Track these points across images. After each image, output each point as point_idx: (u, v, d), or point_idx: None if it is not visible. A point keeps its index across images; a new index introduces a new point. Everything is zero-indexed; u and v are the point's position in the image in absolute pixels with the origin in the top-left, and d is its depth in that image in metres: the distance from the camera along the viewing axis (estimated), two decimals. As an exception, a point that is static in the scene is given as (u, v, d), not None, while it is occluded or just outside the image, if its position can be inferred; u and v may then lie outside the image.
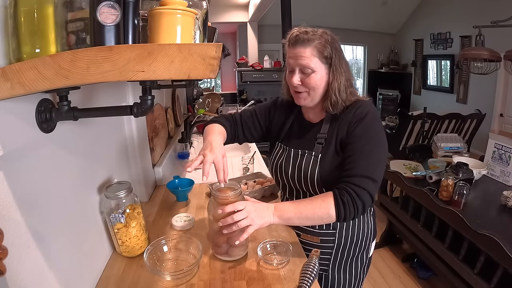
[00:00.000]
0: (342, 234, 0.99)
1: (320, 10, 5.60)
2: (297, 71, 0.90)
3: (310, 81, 0.89)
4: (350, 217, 0.82)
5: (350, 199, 0.81)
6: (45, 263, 0.59)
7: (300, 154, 0.98)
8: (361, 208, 0.82)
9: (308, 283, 0.78)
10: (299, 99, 0.94)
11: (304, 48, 0.86)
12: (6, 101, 0.48)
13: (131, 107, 0.56)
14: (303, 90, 0.92)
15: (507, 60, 2.19)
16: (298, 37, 0.87)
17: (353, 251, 1.01)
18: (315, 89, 0.90)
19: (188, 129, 1.98)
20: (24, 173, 0.55)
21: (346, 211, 0.81)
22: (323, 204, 0.82)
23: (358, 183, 0.82)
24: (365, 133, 0.87)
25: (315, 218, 0.83)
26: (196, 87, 2.76)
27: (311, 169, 0.94)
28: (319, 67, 0.88)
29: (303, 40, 0.86)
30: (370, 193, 0.83)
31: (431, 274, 2.08)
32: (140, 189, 1.27)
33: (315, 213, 0.82)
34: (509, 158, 1.97)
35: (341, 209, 0.81)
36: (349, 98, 0.91)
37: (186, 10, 0.52)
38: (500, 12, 2.65)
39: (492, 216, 1.72)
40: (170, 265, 0.89)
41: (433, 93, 5.83)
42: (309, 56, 0.86)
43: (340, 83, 0.88)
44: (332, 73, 0.89)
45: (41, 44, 0.47)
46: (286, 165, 1.00)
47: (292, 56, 0.89)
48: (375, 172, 0.84)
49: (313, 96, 0.92)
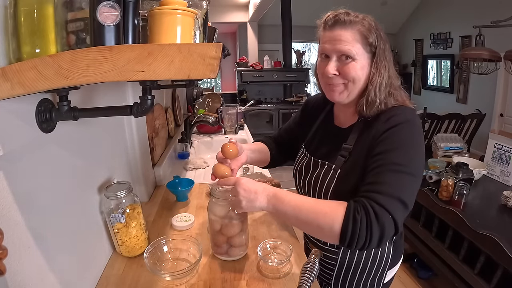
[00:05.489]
0: (346, 255, 0.85)
1: (320, 10, 5.56)
2: (334, 58, 0.74)
3: (349, 70, 0.73)
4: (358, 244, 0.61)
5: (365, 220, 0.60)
6: (45, 263, 0.59)
7: (320, 165, 0.84)
8: (376, 237, 0.61)
9: (308, 283, 0.77)
10: (333, 92, 0.77)
11: (345, 31, 0.72)
12: (6, 101, 0.48)
13: (131, 107, 0.56)
14: (340, 82, 0.75)
15: (507, 60, 2.19)
16: (338, 17, 0.73)
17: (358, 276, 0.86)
18: (355, 81, 0.74)
19: (188, 129, 1.98)
20: (24, 173, 0.55)
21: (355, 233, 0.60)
22: (330, 213, 0.63)
23: (384, 203, 0.61)
24: (401, 144, 0.68)
25: (313, 226, 0.65)
26: (196, 87, 2.76)
27: (327, 184, 0.79)
28: (361, 54, 0.72)
29: (344, 21, 0.72)
30: (395, 220, 0.62)
31: (431, 274, 2.08)
32: (140, 189, 1.27)
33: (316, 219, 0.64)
34: (509, 158, 1.97)
35: (349, 227, 0.61)
36: (388, 100, 0.74)
37: (186, 10, 0.52)
38: (500, 12, 2.65)
39: (492, 216, 1.72)
40: (170, 265, 0.89)
41: (433, 93, 5.83)
42: (351, 41, 0.71)
43: (382, 79, 0.73)
44: (375, 65, 0.73)
45: (41, 44, 0.47)
46: (305, 173, 0.88)
47: (328, 40, 0.74)
48: (409, 196, 0.65)
49: (351, 90, 0.75)
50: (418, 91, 6.28)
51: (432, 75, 5.89)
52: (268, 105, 4.66)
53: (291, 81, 4.86)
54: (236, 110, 2.32)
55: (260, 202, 0.68)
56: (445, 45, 5.33)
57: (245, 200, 0.67)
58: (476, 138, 3.92)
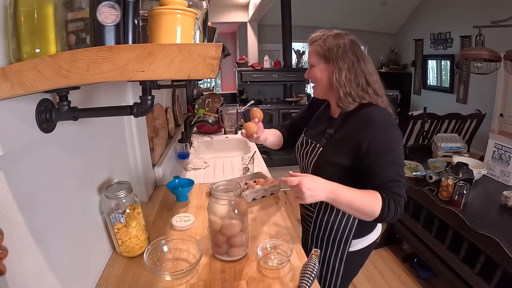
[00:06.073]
0: (319, 216, 1.07)
1: (320, 10, 5.60)
2: (309, 66, 1.03)
3: (311, 74, 1.02)
4: (385, 221, 0.87)
5: (394, 207, 0.85)
6: (45, 263, 0.59)
7: (309, 143, 1.07)
8: (398, 214, 0.87)
9: (308, 283, 0.78)
10: (313, 90, 1.08)
11: (311, 46, 1.01)
12: (6, 101, 0.48)
13: (131, 107, 0.56)
14: (313, 83, 1.05)
15: (507, 60, 2.19)
16: (311, 39, 1.01)
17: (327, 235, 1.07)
18: (317, 81, 1.01)
19: (188, 129, 1.98)
20: (24, 173, 0.55)
21: (388, 216, 0.85)
22: (374, 202, 0.85)
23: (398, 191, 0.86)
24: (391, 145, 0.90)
25: (360, 213, 0.87)
26: (196, 87, 2.76)
27: (311, 158, 1.04)
28: (316, 62, 0.99)
29: (311, 39, 1.01)
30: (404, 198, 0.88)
31: (431, 274, 2.08)
32: (140, 189, 1.27)
33: (364, 206, 0.85)
34: (509, 158, 1.97)
35: (384, 214, 0.84)
36: (359, 95, 0.94)
37: (186, 10, 0.52)
38: (500, 12, 2.65)
39: (492, 216, 1.72)
40: (170, 265, 0.89)
41: (433, 93, 5.82)
42: (311, 54, 1.00)
43: (340, 77, 0.94)
44: (333, 68, 0.96)
45: (41, 44, 0.47)
46: (300, 148, 1.12)
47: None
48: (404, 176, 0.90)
49: (318, 88, 1.03)
50: (418, 91, 6.28)
51: (432, 75, 5.89)
52: (268, 105, 4.65)
53: (291, 81, 4.86)
54: (236, 110, 2.31)
55: (320, 198, 0.84)
56: (445, 45, 5.33)
57: (308, 197, 0.83)
58: (476, 138, 3.92)
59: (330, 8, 5.64)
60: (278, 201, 1.32)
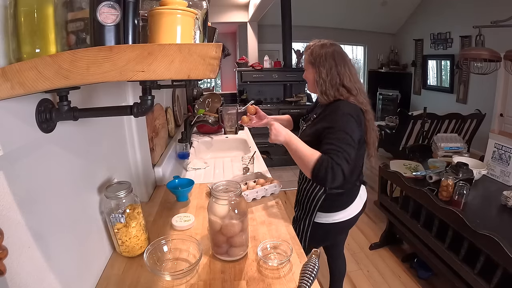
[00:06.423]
0: (300, 184, 1.41)
1: (320, 10, 5.60)
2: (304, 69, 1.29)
3: (304, 75, 1.30)
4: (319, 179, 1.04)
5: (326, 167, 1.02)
6: (45, 263, 0.59)
7: (302, 125, 1.41)
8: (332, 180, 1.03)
9: (308, 283, 0.77)
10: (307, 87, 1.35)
11: (304, 54, 1.28)
12: (6, 101, 0.48)
13: (131, 107, 0.56)
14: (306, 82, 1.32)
15: (507, 60, 2.19)
16: (305, 48, 1.28)
17: (302, 202, 1.36)
18: (308, 81, 1.29)
19: (188, 129, 1.98)
20: (24, 173, 0.55)
21: (320, 172, 1.03)
22: (312, 156, 1.06)
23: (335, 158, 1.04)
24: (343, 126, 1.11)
25: (301, 159, 1.09)
26: (196, 87, 2.76)
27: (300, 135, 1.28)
28: (306, 66, 1.27)
29: (305, 49, 1.28)
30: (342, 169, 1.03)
31: (431, 274, 2.08)
32: (140, 189, 1.27)
33: (304, 156, 1.07)
34: (509, 158, 1.97)
35: (317, 167, 1.03)
36: (330, 93, 1.19)
37: (186, 10, 0.52)
38: (500, 12, 2.65)
39: (492, 216, 1.72)
40: (170, 265, 0.89)
41: (433, 93, 5.82)
42: (305, 60, 1.28)
43: (320, 78, 1.20)
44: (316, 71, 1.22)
45: (41, 44, 0.47)
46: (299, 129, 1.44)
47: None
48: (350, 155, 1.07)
49: (309, 86, 1.31)
50: (418, 91, 6.28)
51: (432, 75, 5.89)
52: (268, 105, 4.64)
53: (291, 81, 4.86)
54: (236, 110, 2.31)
55: (280, 138, 1.13)
56: (445, 45, 5.33)
57: (273, 135, 1.13)
58: (476, 138, 3.92)
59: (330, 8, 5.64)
60: (278, 201, 1.32)
